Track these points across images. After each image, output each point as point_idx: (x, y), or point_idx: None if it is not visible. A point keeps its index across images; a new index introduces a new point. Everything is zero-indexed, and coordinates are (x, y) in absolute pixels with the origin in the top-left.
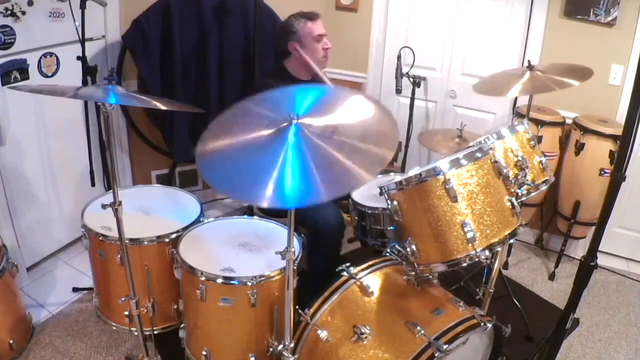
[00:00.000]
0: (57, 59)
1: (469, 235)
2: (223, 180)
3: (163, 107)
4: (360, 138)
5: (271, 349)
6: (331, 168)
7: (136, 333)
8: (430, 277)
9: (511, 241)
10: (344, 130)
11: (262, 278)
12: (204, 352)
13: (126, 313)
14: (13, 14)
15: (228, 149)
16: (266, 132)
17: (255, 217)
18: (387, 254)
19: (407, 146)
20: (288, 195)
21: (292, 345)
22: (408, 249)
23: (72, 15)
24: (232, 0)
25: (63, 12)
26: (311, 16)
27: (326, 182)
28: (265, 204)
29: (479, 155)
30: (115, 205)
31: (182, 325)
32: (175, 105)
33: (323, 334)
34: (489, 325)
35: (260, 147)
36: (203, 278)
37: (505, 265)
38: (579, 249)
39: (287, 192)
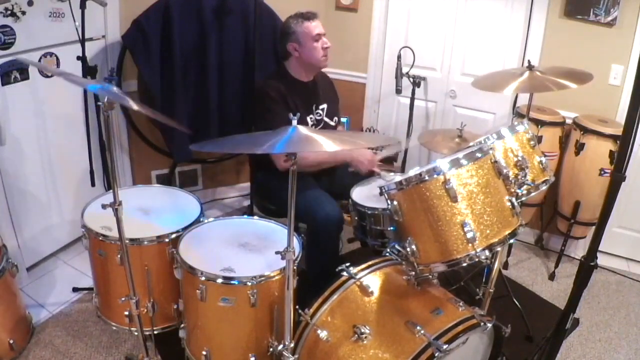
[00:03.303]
0: (57, 59)
1: (469, 235)
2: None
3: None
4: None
5: (271, 349)
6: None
7: (136, 333)
8: (430, 277)
9: (511, 241)
10: None
11: (262, 278)
12: (204, 352)
13: (126, 313)
14: (13, 14)
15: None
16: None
17: (255, 217)
18: (387, 254)
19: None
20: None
21: (292, 345)
22: (408, 249)
23: (72, 15)
24: (232, 0)
25: (63, 12)
26: (309, 16)
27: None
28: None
29: (479, 155)
30: (115, 205)
31: (182, 325)
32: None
33: (323, 334)
34: (489, 325)
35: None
36: (203, 278)
37: (505, 265)
38: (579, 249)
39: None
